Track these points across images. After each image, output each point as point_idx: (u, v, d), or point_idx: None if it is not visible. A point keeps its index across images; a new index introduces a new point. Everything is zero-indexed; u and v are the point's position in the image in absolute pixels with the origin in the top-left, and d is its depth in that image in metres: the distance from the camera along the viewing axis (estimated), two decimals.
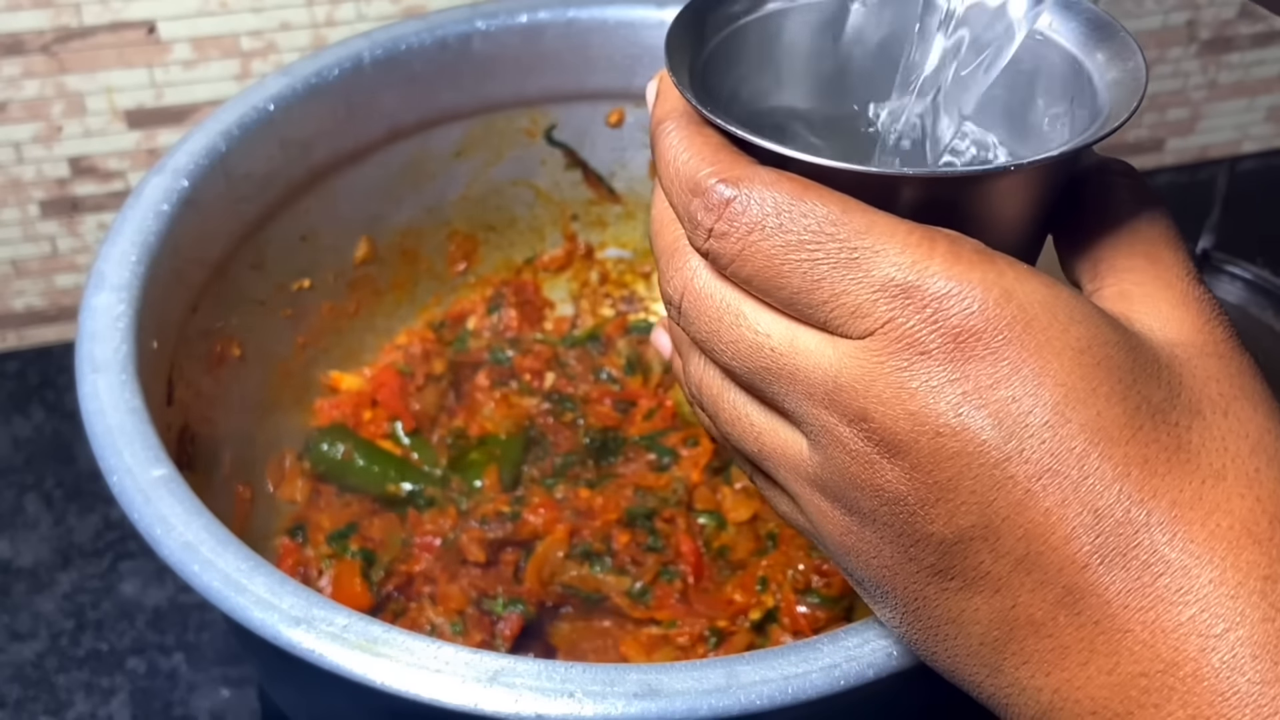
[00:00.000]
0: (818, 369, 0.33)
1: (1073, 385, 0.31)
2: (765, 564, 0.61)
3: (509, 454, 0.66)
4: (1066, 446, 0.31)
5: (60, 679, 0.68)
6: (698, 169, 0.34)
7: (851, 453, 0.33)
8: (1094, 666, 0.31)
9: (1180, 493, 0.31)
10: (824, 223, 0.32)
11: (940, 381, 0.31)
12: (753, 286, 0.34)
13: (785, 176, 0.33)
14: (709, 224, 0.34)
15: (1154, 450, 0.31)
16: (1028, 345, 0.31)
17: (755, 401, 0.36)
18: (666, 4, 0.68)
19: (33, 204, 0.80)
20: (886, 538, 0.34)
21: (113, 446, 0.47)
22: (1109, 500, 0.31)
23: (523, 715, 0.39)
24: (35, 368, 0.84)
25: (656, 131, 0.36)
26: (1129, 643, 0.31)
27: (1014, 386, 0.31)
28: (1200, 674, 0.30)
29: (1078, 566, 0.31)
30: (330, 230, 0.68)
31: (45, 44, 0.75)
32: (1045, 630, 0.32)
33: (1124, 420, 0.31)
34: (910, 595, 0.34)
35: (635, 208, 0.76)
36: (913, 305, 0.32)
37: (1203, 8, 0.93)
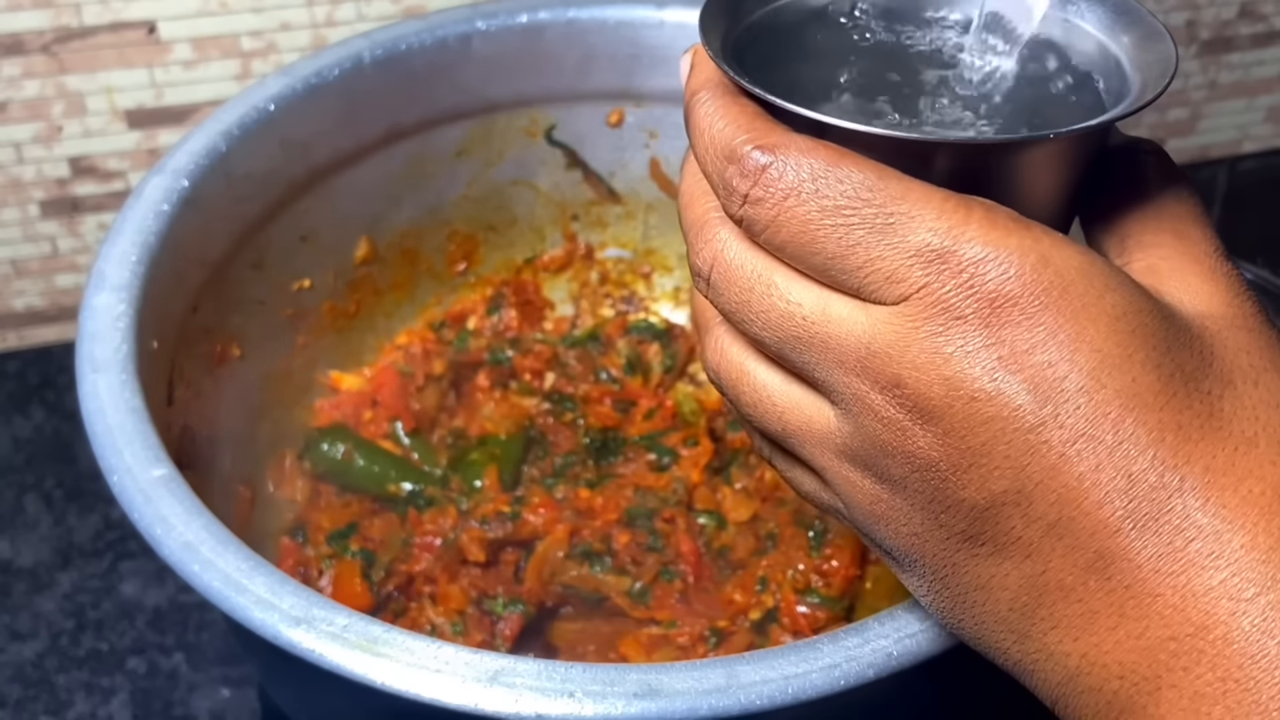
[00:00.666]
0: (850, 336, 0.33)
1: (1108, 351, 0.31)
2: (765, 564, 0.61)
3: (509, 454, 0.66)
4: (1102, 412, 0.31)
5: (60, 679, 0.68)
6: (734, 136, 0.34)
7: (883, 420, 0.33)
8: (1123, 631, 0.31)
9: (1213, 459, 0.31)
10: (860, 188, 0.32)
11: (975, 347, 0.31)
12: (786, 253, 0.34)
13: (821, 143, 0.33)
14: (744, 190, 0.34)
15: (1187, 417, 0.31)
16: (1064, 311, 0.31)
17: (780, 376, 0.36)
18: (666, 4, 0.68)
19: (33, 204, 0.81)
20: (917, 504, 0.34)
21: (113, 446, 0.47)
22: (1143, 465, 0.31)
23: (523, 715, 0.39)
24: (35, 368, 0.84)
25: (691, 102, 0.36)
26: (1159, 607, 0.31)
27: (1050, 352, 0.31)
28: (1230, 637, 0.30)
29: (1110, 531, 0.31)
30: (330, 230, 0.68)
31: (45, 44, 0.75)
32: (1075, 595, 0.32)
33: (1158, 387, 0.31)
34: (940, 562, 0.34)
35: (635, 208, 0.76)
36: (948, 270, 0.32)
37: (1203, 8, 0.93)
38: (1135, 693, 0.32)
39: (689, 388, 0.73)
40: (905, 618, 0.43)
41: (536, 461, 0.67)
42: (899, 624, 0.42)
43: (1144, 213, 0.36)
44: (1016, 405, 0.31)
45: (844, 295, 0.33)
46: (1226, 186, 0.87)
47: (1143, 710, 0.31)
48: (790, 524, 0.62)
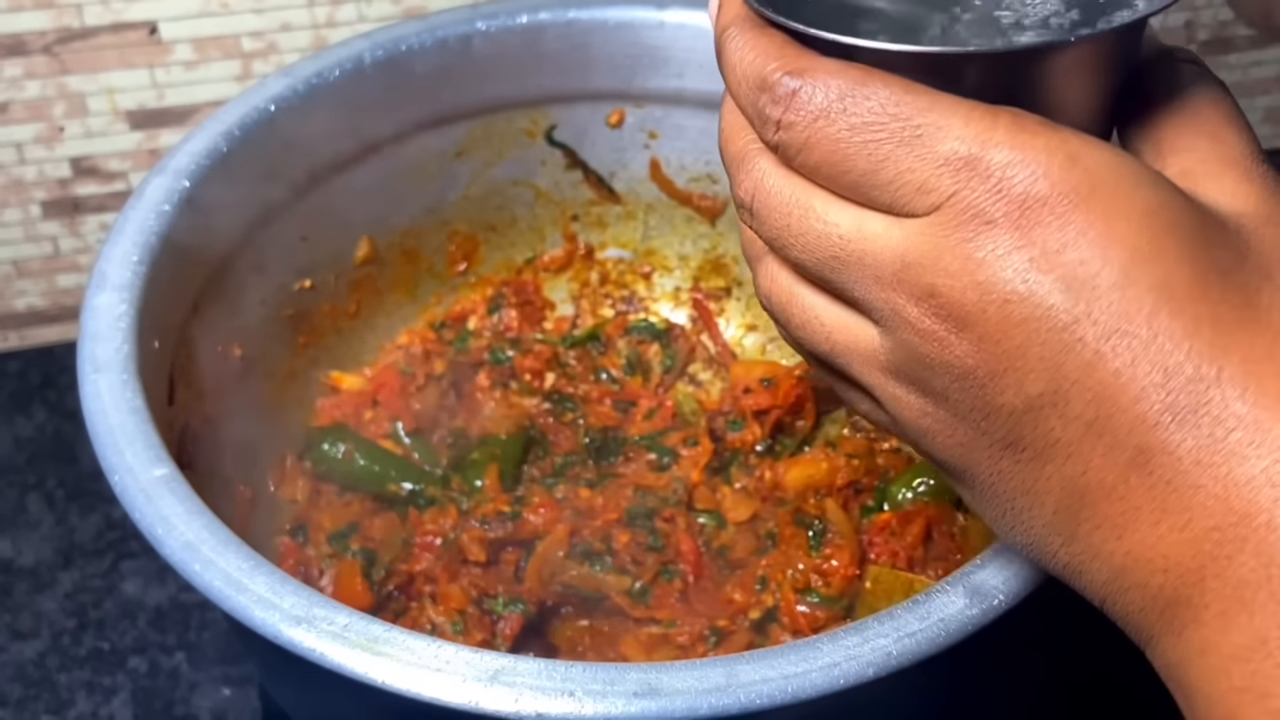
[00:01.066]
0: (885, 250, 0.34)
1: (1140, 247, 0.31)
2: (765, 564, 0.61)
3: (509, 453, 0.66)
4: (1135, 307, 0.31)
5: (62, 678, 0.68)
6: (764, 65, 0.35)
7: (921, 332, 0.33)
8: (1166, 525, 0.32)
9: (1251, 349, 0.31)
10: (886, 104, 0.33)
11: (1006, 249, 0.32)
12: (820, 175, 0.34)
13: (847, 65, 0.34)
14: (776, 116, 0.34)
15: (1223, 309, 0.31)
16: (1094, 209, 0.31)
17: (825, 298, 0.37)
18: (666, 5, 0.69)
19: (34, 204, 0.81)
20: (959, 415, 0.34)
21: (114, 446, 0.47)
22: (1179, 358, 0.31)
23: (523, 714, 0.39)
24: (37, 367, 0.84)
25: (721, 39, 0.37)
26: (1201, 498, 0.31)
27: (1080, 250, 0.31)
28: (1274, 523, 0.30)
29: (1148, 426, 0.31)
30: (331, 231, 0.68)
31: (47, 45, 0.75)
32: (1117, 493, 0.32)
33: (1192, 280, 0.31)
34: (986, 471, 0.35)
35: (635, 208, 0.76)
36: (977, 177, 0.32)
37: (1200, 9, 0.93)
38: (1180, 585, 0.32)
39: (689, 388, 0.73)
40: (905, 617, 0.43)
41: (536, 461, 0.67)
42: (898, 623, 0.42)
43: (1179, 118, 0.36)
44: (1049, 305, 0.31)
45: (878, 212, 0.34)
46: None
47: (1188, 601, 0.32)
48: (790, 524, 0.62)
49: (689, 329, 0.75)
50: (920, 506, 0.61)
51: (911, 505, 0.62)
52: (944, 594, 0.43)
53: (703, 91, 0.71)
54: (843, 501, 0.63)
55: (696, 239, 0.77)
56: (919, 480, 0.63)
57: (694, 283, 0.77)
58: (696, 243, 0.77)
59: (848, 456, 0.66)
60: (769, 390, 0.69)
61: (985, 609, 0.43)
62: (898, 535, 0.61)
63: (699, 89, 0.71)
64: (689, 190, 0.75)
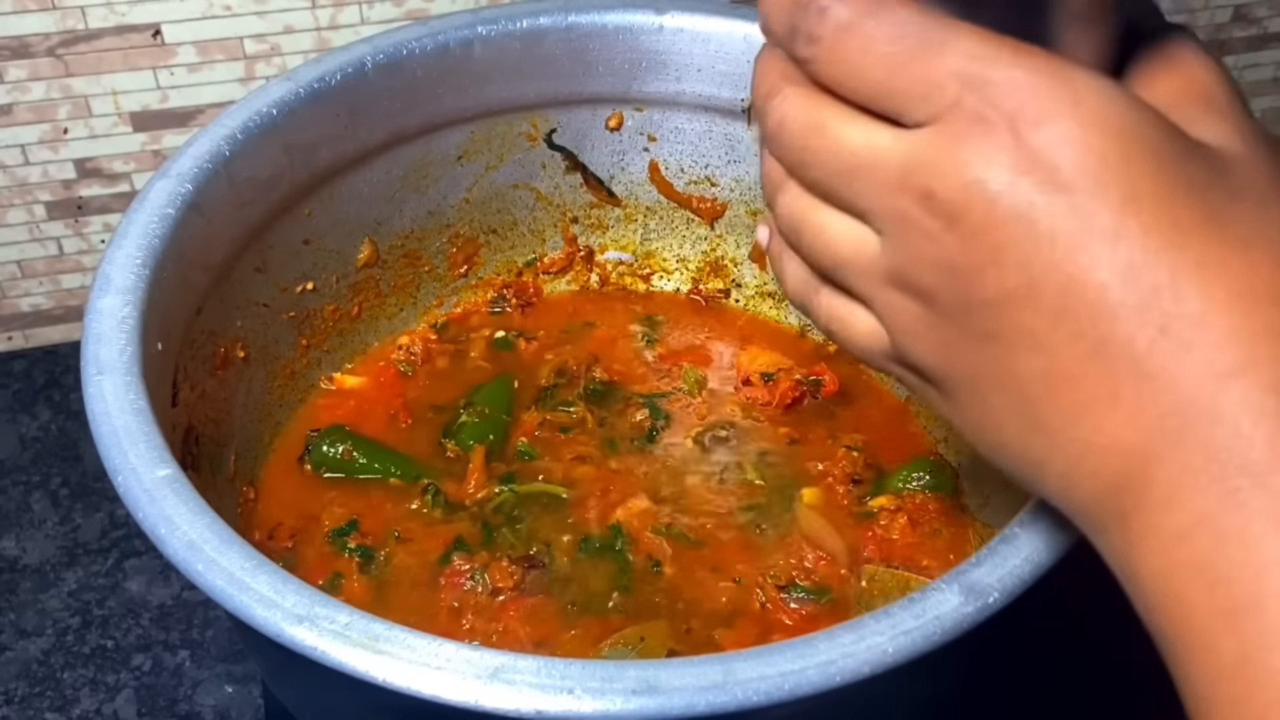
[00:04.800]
0: (891, 158, 0.37)
1: (1110, 155, 0.34)
2: (740, 567, 0.61)
3: (496, 398, 0.68)
4: (1104, 206, 0.34)
5: (66, 675, 0.69)
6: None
7: (918, 230, 0.37)
8: (1120, 412, 0.34)
9: (1205, 254, 0.34)
10: (905, 22, 0.36)
11: (994, 151, 0.35)
12: (842, 86, 0.38)
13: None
14: (808, 29, 0.38)
15: (1186, 214, 0.34)
16: (1075, 120, 0.34)
17: (835, 214, 0.40)
18: (665, 10, 0.69)
19: (39, 205, 0.81)
20: (945, 312, 0.37)
21: (118, 447, 0.47)
22: (1138, 257, 0.34)
23: (523, 712, 0.40)
24: (41, 367, 0.85)
25: None
26: (1151, 387, 0.34)
27: (1060, 156, 0.34)
28: (1216, 412, 0.33)
29: (1108, 317, 0.34)
30: (333, 233, 0.68)
31: (51, 47, 0.75)
32: (1078, 382, 0.35)
33: (1160, 188, 0.34)
34: (965, 370, 0.38)
35: (635, 211, 0.76)
36: (977, 88, 0.35)
37: (1197, 11, 0.94)
38: (1130, 470, 0.34)
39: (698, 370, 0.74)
40: (901, 615, 0.43)
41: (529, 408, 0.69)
42: (894, 621, 0.43)
43: (1173, 77, 0.39)
44: (1029, 203, 0.34)
45: (887, 125, 0.37)
46: None
47: (1136, 486, 0.34)
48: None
49: None
50: (921, 499, 0.62)
51: (909, 495, 0.63)
52: (940, 592, 0.43)
53: (701, 95, 0.71)
54: (842, 492, 0.64)
55: (696, 241, 0.77)
56: (917, 472, 0.64)
57: (693, 285, 0.78)
58: (696, 245, 0.77)
59: (847, 448, 0.66)
60: (768, 386, 0.70)
61: (980, 607, 0.43)
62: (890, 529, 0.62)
63: (697, 92, 0.71)
64: (688, 193, 0.75)
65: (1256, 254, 0.34)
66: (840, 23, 0.37)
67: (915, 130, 0.36)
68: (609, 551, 0.62)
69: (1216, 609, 0.32)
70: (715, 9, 0.69)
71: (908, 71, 0.36)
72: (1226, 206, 0.35)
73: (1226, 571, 0.32)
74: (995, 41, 0.35)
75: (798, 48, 0.38)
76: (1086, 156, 0.34)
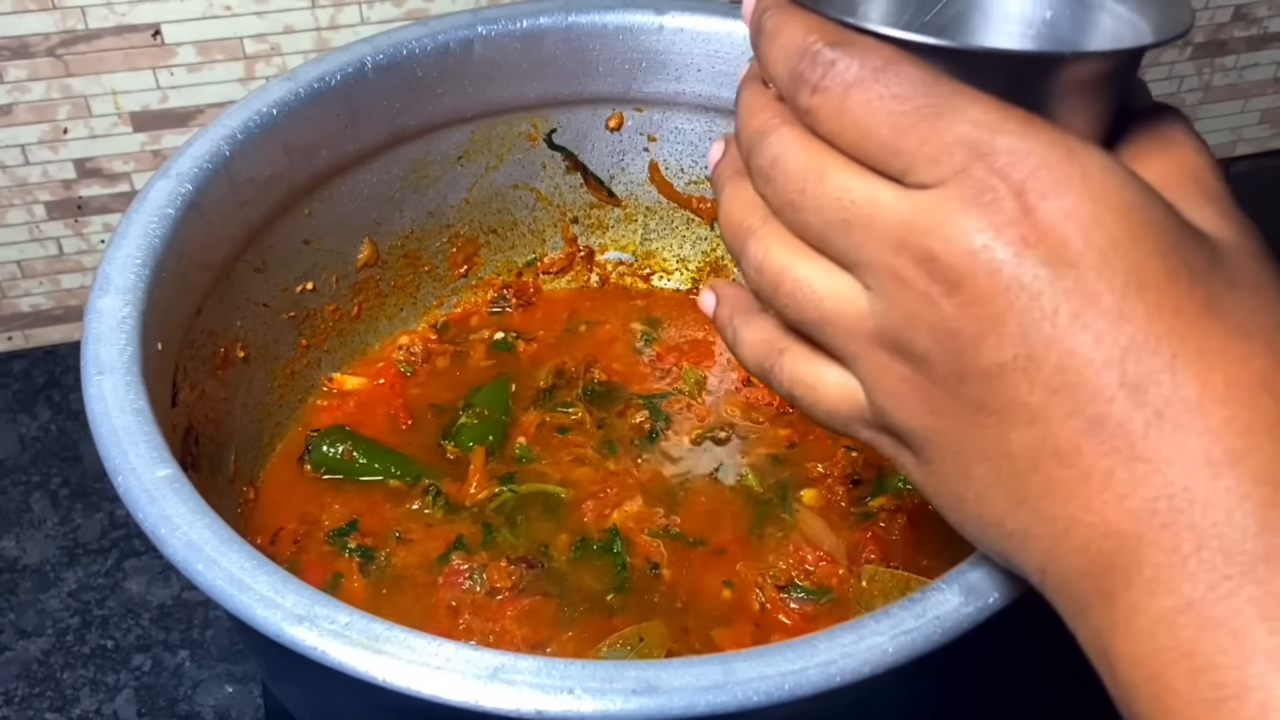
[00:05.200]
0: (892, 215, 0.36)
1: (1119, 235, 0.34)
2: (740, 568, 0.61)
3: (494, 399, 0.68)
4: (1108, 287, 0.34)
5: (66, 675, 0.69)
6: (806, 37, 0.38)
7: (915, 292, 0.36)
8: (1111, 492, 0.34)
9: (1206, 342, 0.34)
10: (915, 82, 0.36)
11: (1001, 224, 0.35)
12: (845, 140, 0.37)
13: (881, 44, 0.37)
14: (814, 80, 0.37)
15: (1187, 303, 0.34)
16: (1083, 196, 0.34)
17: (819, 267, 0.39)
18: (665, 10, 0.69)
19: (39, 205, 0.81)
20: (936, 377, 0.37)
21: (118, 447, 0.47)
22: (1140, 339, 0.34)
23: (523, 711, 0.40)
24: (41, 367, 0.85)
25: (761, 19, 0.40)
26: (1145, 470, 0.34)
27: (1067, 231, 0.34)
28: (1209, 499, 0.33)
29: (1105, 397, 0.34)
30: (333, 234, 0.68)
31: (51, 47, 0.75)
32: (1069, 460, 0.35)
33: (1163, 273, 0.34)
34: (951, 438, 0.38)
35: (635, 211, 0.76)
36: (986, 157, 0.35)
37: (1197, 11, 0.94)
38: (1118, 550, 0.34)
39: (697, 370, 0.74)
40: (901, 615, 0.43)
41: (529, 408, 0.69)
42: (894, 621, 0.43)
43: (1166, 160, 0.39)
44: (1033, 276, 0.34)
45: (890, 182, 0.37)
46: None
47: (1124, 567, 0.34)
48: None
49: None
50: (921, 499, 0.62)
51: (909, 495, 0.63)
52: (940, 592, 0.44)
53: (701, 95, 0.71)
54: (841, 492, 0.64)
55: (696, 241, 0.77)
56: None
57: (693, 285, 0.78)
58: (696, 245, 0.77)
59: (846, 449, 0.66)
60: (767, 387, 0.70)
61: (980, 607, 0.43)
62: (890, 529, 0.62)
63: (698, 92, 0.71)
64: (688, 193, 0.75)
65: (1254, 343, 0.34)
66: (849, 78, 0.37)
67: (919, 191, 0.36)
68: (606, 553, 0.62)
69: (1199, 697, 0.32)
70: (715, 9, 0.69)
71: (916, 132, 0.36)
72: (1225, 294, 0.35)
73: (1211, 659, 0.32)
74: (1003, 110, 0.35)
75: (800, 97, 0.38)
76: (1094, 233, 0.34)
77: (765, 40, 0.40)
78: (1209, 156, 0.40)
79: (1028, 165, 0.35)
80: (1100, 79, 0.38)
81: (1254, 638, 0.32)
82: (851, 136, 0.37)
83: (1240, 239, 0.37)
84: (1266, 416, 0.33)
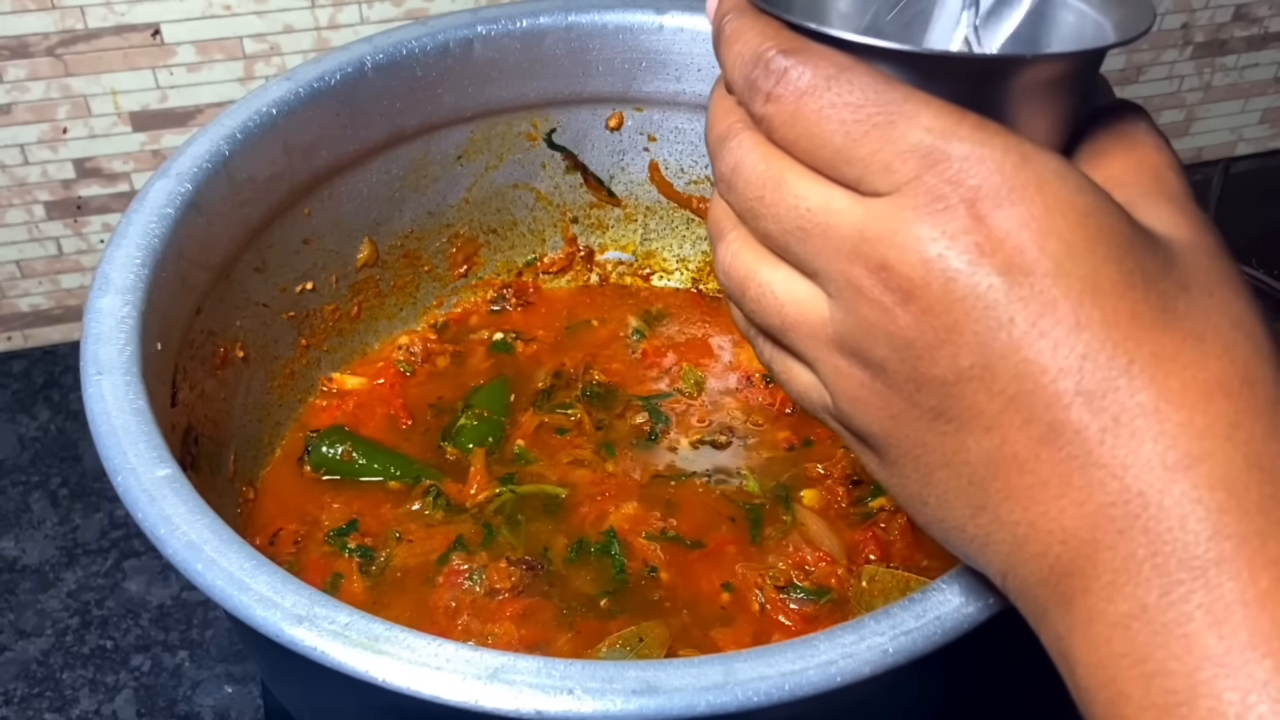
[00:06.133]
0: (847, 224, 0.36)
1: (1074, 243, 0.34)
2: (739, 569, 0.61)
3: (494, 400, 0.68)
4: (1063, 294, 0.34)
5: (65, 676, 0.69)
6: (760, 44, 0.38)
7: (871, 301, 0.36)
8: (1068, 499, 0.34)
9: (1161, 346, 0.34)
10: (867, 90, 0.36)
11: (955, 232, 0.34)
12: (798, 148, 0.37)
13: (835, 51, 0.37)
14: (767, 88, 0.37)
15: (1142, 308, 0.34)
16: (1037, 204, 0.34)
17: (782, 272, 0.39)
18: (665, 10, 0.69)
19: (38, 205, 0.81)
20: (894, 385, 0.37)
21: (117, 447, 0.47)
22: (1095, 346, 0.34)
23: (523, 712, 0.40)
24: (41, 367, 0.85)
25: (720, 24, 0.40)
26: (1101, 476, 0.34)
27: (1021, 239, 0.34)
28: (1163, 503, 0.33)
29: (1062, 404, 0.34)
30: (332, 233, 0.68)
31: (51, 47, 0.75)
32: (1028, 466, 0.35)
33: (1118, 279, 0.34)
34: (912, 442, 0.37)
35: (635, 210, 0.76)
36: (938, 164, 0.35)
37: (1197, 11, 0.94)
38: (1075, 556, 0.34)
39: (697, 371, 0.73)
40: (901, 615, 0.43)
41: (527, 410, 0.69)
42: (895, 621, 0.43)
43: (1126, 158, 0.39)
44: (988, 285, 0.34)
45: (845, 190, 0.37)
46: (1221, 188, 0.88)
47: (1081, 572, 0.34)
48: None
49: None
50: None
51: None
52: (940, 592, 0.44)
53: (701, 94, 0.71)
54: (841, 493, 0.64)
55: (696, 241, 0.77)
56: None
57: (693, 284, 0.78)
58: (696, 245, 0.77)
59: (846, 449, 0.66)
60: (769, 388, 0.70)
61: (981, 607, 0.43)
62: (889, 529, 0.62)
63: (697, 92, 0.71)
64: (688, 193, 0.75)
65: (1208, 345, 0.34)
66: (801, 86, 0.37)
67: (873, 198, 0.36)
68: (604, 556, 0.62)
69: (1151, 702, 0.33)
70: None
71: (868, 141, 0.36)
72: (1180, 297, 0.35)
73: (1163, 664, 0.32)
74: (956, 116, 0.35)
75: (754, 105, 0.38)
76: (1049, 241, 0.34)
77: (724, 46, 0.40)
78: (1169, 154, 0.40)
79: (981, 172, 0.34)
80: (1060, 81, 0.38)
81: (1205, 644, 0.32)
82: (805, 145, 0.37)
83: (1196, 237, 0.37)
84: (1221, 419, 0.33)
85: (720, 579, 0.61)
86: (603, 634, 0.58)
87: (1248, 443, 0.33)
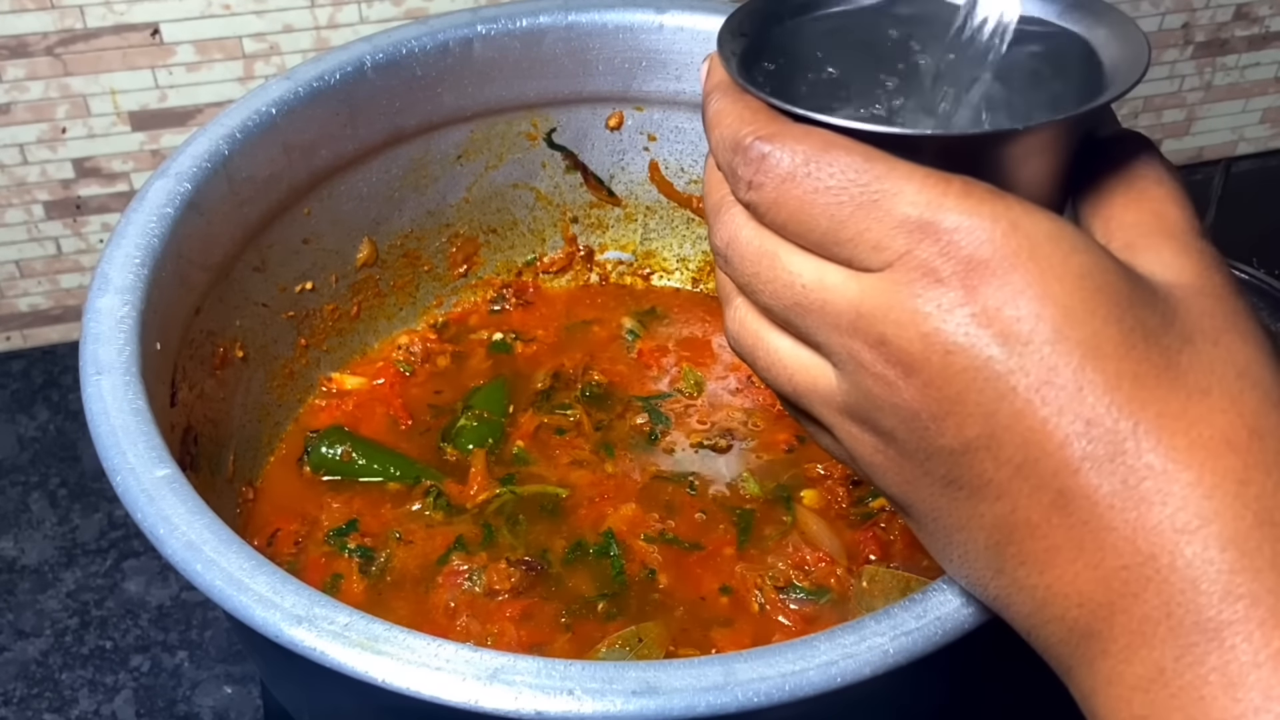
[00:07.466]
0: (843, 300, 0.36)
1: (1072, 307, 0.34)
2: (739, 569, 0.61)
3: (493, 401, 0.68)
4: (1064, 361, 0.34)
5: (64, 676, 0.69)
6: (739, 130, 0.38)
7: (873, 375, 0.36)
8: (1081, 563, 0.34)
9: (1166, 405, 0.34)
10: (848, 170, 0.36)
11: (951, 305, 0.34)
12: (787, 231, 0.37)
13: (813, 131, 0.37)
14: (748, 176, 0.37)
15: (1145, 368, 0.34)
16: (1031, 271, 0.34)
17: (789, 342, 0.39)
18: (666, 9, 0.69)
19: (37, 205, 0.81)
20: (905, 453, 0.37)
21: (116, 447, 0.47)
22: (1100, 410, 0.34)
23: (522, 712, 0.40)
24: (40, 367, 0.85)
25: (706, 101, 0.41)
26: (1113, 540, 0.34)
27: (1018, 308, 0.34)
28: (1174, 565, 0.33)
29: (1070, 470, 0.34)
30: (332, 233, 0.68)
31: (50, 46, 0.75)
32: (1040, 532, 0.35)
33: (1119, 339, 0.34)
34: (928, 506, 0.38)
35: (635, 210, 0.76)
36: (928, 238, 0.35)
37: (1198, 10, 0.94)
38: (1092, 619, 0.34)
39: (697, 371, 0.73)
40: (901, 616, 0.43)
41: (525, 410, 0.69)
42: (895, 622, 0.43)
43: (1127, 196, 0.39)
44: (987, 356, 0.34)
45: (838, 265, 0.37)
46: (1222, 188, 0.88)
47: (1099, 634, 0.34)
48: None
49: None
50: None
51: None
52: (940, 592, 0.43)
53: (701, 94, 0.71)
54: (841, 493, 0.64)
55: (696, 241, 0.77)
56: None
57: (693, 284, 0.78)
58: (696, 245, 0.77)
59: None
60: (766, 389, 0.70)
61: (981, 607, 0.43)
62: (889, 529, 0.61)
63: (698, 91, 0.70)
64: (688, 192, 0.75)
65: (1213, 399, 0.34)
66: (780, 173, 0.37)
67: (866, 274, 0.36)
68: (603, 557, 0.62)
69: None
70: (715, 8, 0.69)
71: (854, 222, 0.35)
72: (1183, 350, 0.35)
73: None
74: (943, 184, 0.35)
75: (739, 192, 0.38)
76: (1046, 307, 0.34)
77: (709, 129, 0.40)
78: (1171, 185, 0.39)
79: (971, 243, 0.34)
80: (1050, 142, 0.38)
81: (1222, 706, 0.32)
82: (794, 229, 0.37)
83: (1200, 279, 0.36)
84: (1230, 476, 0.33)
85: (719, 582, 0.61)
86: (602, 635, 0.58)
87: (1258, 498, 0.33)
